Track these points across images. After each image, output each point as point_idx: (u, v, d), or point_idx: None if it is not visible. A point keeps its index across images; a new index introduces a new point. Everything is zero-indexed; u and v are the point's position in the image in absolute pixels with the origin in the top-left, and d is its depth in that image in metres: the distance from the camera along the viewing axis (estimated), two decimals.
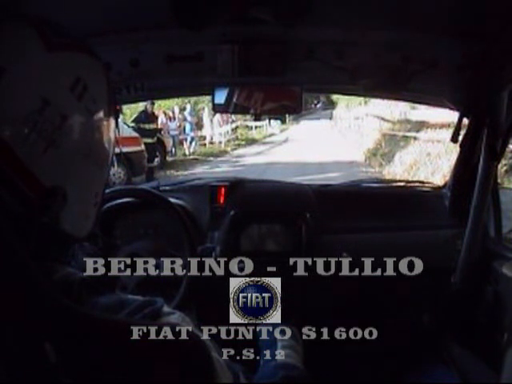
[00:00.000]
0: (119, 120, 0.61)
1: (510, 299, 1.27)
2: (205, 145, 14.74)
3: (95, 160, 0.55)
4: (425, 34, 1.10)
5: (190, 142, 13.57)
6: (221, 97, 1.31)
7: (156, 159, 9.50)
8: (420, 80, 1.21)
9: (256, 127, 20.05)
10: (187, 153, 13.08)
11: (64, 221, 0.52)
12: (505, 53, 1.09)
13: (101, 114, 0.55)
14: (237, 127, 18.11)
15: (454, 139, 1.33)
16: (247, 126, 19.46)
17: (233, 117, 16.81)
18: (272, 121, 20.65)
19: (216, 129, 15.26)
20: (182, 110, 14.05)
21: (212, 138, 15.26)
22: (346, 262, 1.49)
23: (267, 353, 0.89)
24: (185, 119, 13.61)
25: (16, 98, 0.48)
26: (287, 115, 23.66)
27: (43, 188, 0.49)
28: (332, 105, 29.70)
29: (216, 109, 1.36)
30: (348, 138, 17.31)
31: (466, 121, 1.36)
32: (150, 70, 1.22)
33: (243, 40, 1.16)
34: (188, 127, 13.57)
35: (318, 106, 33.93)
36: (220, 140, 15.26)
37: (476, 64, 1.16)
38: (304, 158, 10.39)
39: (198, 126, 14.72)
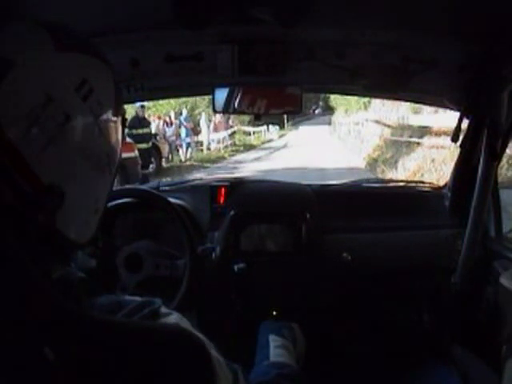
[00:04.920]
0: None
1: (510, 299, 1.27)
2: (202, 150, 14.48)
3: (97, 164, 0.54)
4: (425, 34, 1.11)
5: (187, 148, 13.41)
6: (221, 97, 1.31)
7: (151, 165, 9.30)
8: (420, 80, 1.21)
9: (254, 132, 19.85)
10: (183, 159, 12.90)
11: (61, 222, 0.51)
12: (505, 53, 1.09)
13: (106, 118, 0.55)
14: (234, 132, 17.80)
15: (454, 139, 1.33)
16: (245, 132, 19.34)
17: (230, 122, 16.68)
18: (270, 126, 20.13)
19: (213, 134, 14.99)
20: (179, 115, 13.95)
21: (209, 144, 14.97)
22: (345, 261, 1.49)
23: (260, 353, 0.90)
24: (180, 124, 13.48)
25: (21, 92, 0.48)
26: (285, 121, 23.56)
27: (41, 184, 0.49)
28: (330, 110, 29.37)
29: (216, 109, 1.36)
30: (348, 143, 16.87)
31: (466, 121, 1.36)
32: (149, 69, 1.22)
33: (243, 40, 1.16)
34: (184, 132, 13.39)
35: (317, 111, 33.92)
36: (217, 146, 15.06)
37: (476, 64, 1.16)
38: (304, 164, 10.16)
39: (195, 131, 14.55)
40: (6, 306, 0.42)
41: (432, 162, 7.83)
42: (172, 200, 1.40)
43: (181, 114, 14.01)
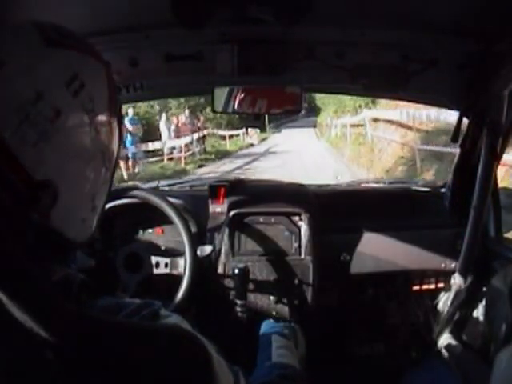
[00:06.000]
0: None
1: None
2: (162, 160, 11.35)
3: (91, 160, 0.54)
4: (425, 34, 1.11)
5: (133, 160, 10.08)
6: (221, 97, 1.31)
7: None
8: (420, 79, 1.21)
9: (231, 136, 16.97)
10: (125, 176, 9.23)
11: (56, 220, 0.51)
12: (505, 53, 1.09)
13: (99, 114, 0.54)
14: (204, 136, 14.45)
15: (454, 139, 1.33)
16: (221, 136, 16.75)
17: (199, 124, 14.16)
18: (249, 129, 17.18)
19: (175, 140, 11.98)
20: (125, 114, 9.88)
21: (171, 153, 11.77)
22: (345, 261, 1.49)
23: (263, 354, 0.90)
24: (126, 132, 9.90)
25: (11, 90, 0.48)
26: (267, 123, 22.55)
27: (33, 181, 0.48)
28: (315, 112, 27.10)
29: (216, 109, 1.36)
30: (345, 151, 13.06)
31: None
32: (149, 69, 1.22)
33: (243, 40, 1.16)
34: (128, 140, 9.93)
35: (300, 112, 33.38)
36: (180, 155, 11.82)
37: (476, 64, 1.16)
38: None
39: (155, 136, 11.79)
40: (5, 307, 0.42)
41: None
42: (171, 200, 1.40)
43: (127, 114, 10.30)
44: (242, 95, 1.30)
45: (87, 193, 0.55)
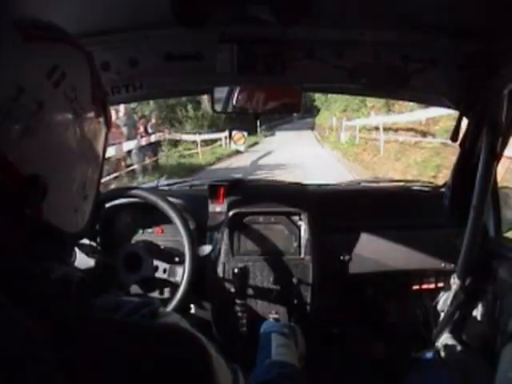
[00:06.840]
0: None
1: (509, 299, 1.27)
2: None
3: (77, 148, 0.54)
4: (425, 34, 1.11)
5: None
6: (220, 96, 1.31)
7: None
8: (420, 79, 1.21)
9: (208, 143, 12.11)
10: None
11: (47, 212, 0.51)
12: (505, 53, 1.09)
13: (82, 102, 0.54)
14: (157, 144, 9.72)
15: (453, 138, 1.33)
16: (193, 142, 11.75)
17: (148, 126, 9.69)
18: (234, 131, 11.13)
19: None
20: None
21: None
22: (345, 261, 1.49)
23: (262, 352, 0.91)
24: None
25: None
26: (259, 125, 21.55)
27: (21, 176, 0.48)
28: (311, 112, 24.36)
29: (216, 109, 1.36)
30: (380, 170, 8.38)
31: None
32: (149, 69, 1.22)
33: (242, 39, 1.16)
34: None
35: (295, 113, 32.65)
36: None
37: (476, 63, 1.16)
38: None
39: None
40: (5, 307, 0.42)
41: None
42: (171, 200, 1.40)
43: None
44: (242, 95, 1.30)
45: (77, 182, 0.55)
